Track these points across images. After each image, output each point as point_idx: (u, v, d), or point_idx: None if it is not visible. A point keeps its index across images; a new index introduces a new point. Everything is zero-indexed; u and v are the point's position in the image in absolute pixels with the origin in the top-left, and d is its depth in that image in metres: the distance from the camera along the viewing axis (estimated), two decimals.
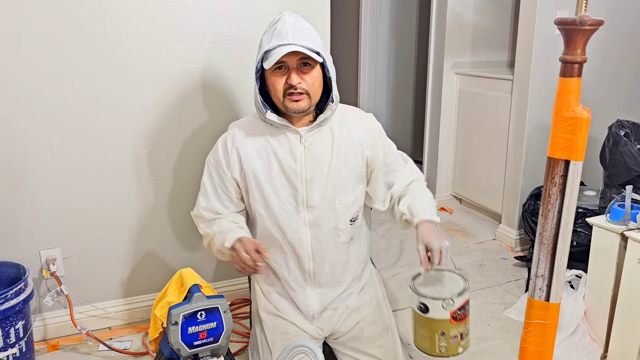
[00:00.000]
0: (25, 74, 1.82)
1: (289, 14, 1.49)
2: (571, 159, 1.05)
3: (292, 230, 1.59)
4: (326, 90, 1.56)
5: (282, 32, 1.43)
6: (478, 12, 3.33)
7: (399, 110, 4.52)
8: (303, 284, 1.66)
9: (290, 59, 1.45)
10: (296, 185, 1.56)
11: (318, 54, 1.46)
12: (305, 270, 1.63)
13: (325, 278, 1.65)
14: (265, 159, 1.57)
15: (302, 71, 1.47)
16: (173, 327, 1.36)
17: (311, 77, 1.48)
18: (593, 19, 0.94)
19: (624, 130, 2.23)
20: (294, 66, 1.46)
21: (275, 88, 1.49)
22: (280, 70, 1.47)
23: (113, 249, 2.10)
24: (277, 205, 1.57)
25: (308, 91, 1.48)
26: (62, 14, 1.81)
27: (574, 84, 1.01)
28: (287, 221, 1.58)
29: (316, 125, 1.55)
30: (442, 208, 3.57)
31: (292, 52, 1.42)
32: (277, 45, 1.42)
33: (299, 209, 1.57)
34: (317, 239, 1.60)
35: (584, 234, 2.35)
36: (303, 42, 1.43)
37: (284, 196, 1.57)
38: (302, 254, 1.61)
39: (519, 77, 2.81)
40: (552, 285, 1.13)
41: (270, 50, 1.43)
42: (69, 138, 1.92)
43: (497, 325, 2.21)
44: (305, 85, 1.47)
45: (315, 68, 1.49)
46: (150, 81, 1.98)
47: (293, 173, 1.55)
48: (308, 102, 1.50)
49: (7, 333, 1.71)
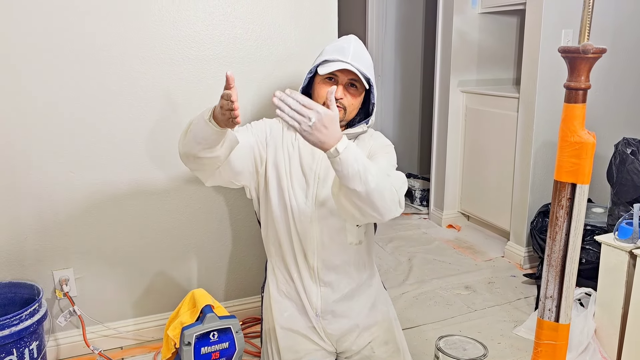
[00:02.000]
0: (38, 97, 1.87)
1: (355, 38, 1.67)
2: (577, 182, 1.07)
3: (300, 222, 1.67)
4: (365, 112, 1.71)
5: (345, 50, 1.60)
6: (483, 30, 3.37)
7: (406, 128, 4.55)
8: (309, 280, 1.72)
9: (342, 75, 1.59)
10: (309, 181, 1.66)
11: (368, 81, 1.60)
12: (310, 266, 1.70)
13: (329, 277, 1.71)
14: (291, 153, 1.68)
15: (347, 90, 1.61)
16: (186, 348, 1.38)
17: (354, 98, 1.63)
18: (596, 47, 0.96)
19: (630, 148, 2.24)
20: (343, 82, 1.60)
21: (320, 94, 1.61)
22: (330, 81, 1.61)
23: (124, 269, 2.12)
24: (291, 196, 1.66)
25: (346, 108, 1.61)
26: (75, 39, 1.86)
27: (579, 109, 1.03)
28: (298, 213, 1.66)
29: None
30: (450, 225, 3.58)
31: (346, 70, 1.56)
32: (337, 59, 1.57)
33: (308, 204, 1.66)
34: (323, 235, 1.67)
35: (593, 251, 2.35)
36: (359, 66, 1.57)
37: (297, 190, 1.66)
38: (308, 248, 1.68)
39: (524, 95, 2.83)
40: (561, 306, 1.14)
41: (330, 61, 1.58)
42: (82, 159, 1.96)
43: (507, 343, 2.20)
44: (345, 102, 1.61)
45: (360, 93, 1.63)
46: (159, 102, 2.02)
47: (309, 169, 1.66)
48: (342, 116, 1.62)
49: (22, 354, 1.73)
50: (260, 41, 2.10)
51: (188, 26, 1.99)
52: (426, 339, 2.22)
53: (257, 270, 2.30)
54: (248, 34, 2.08)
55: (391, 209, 1.41)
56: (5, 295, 1.89)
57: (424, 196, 3.95)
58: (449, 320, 2.39)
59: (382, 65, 4.38)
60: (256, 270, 2.30)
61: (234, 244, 2.27)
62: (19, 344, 1.71)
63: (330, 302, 1.72)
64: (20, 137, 1.87)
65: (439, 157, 3.58)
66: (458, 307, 2.50)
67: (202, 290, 1.63)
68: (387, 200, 1.38)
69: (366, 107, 1.71)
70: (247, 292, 2.34)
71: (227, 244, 2.26)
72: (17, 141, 1.87)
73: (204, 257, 2.23)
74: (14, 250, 1.95)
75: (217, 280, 2.29)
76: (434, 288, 2.70)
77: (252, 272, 2.32)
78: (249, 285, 2.34)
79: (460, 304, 2.54)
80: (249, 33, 2.08)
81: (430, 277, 2.82)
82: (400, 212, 1.45)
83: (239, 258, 2.30)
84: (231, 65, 2.07)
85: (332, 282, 1.72)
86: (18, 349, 1.71)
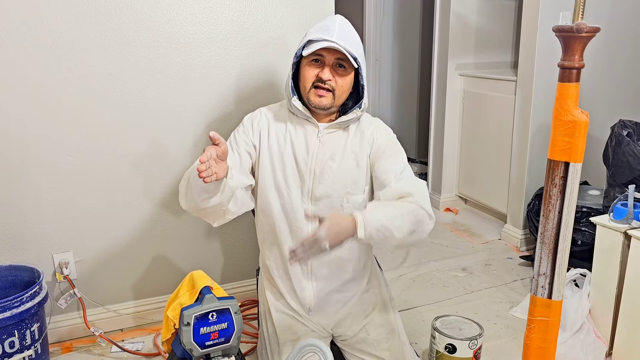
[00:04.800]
0: (38, 79, 1.87)
1: (341, 17, 1.58)
2: (570, 161, 1.08)
3: (295, 219, 1.63)
4: (357, 96, 1.63)
5: (330, 29, 1.51)
6: (481, 13, 3.35)
7: (404, 112, 4.55)
8: (300, 276, 1.69)
9: (328, 54, 1.52)
10: (304, 176, 1.61)
11: (356, 60, 1.52)
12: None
13: (323, 272, 1.68)
14: (282, 145, 1.62)
15: (336, 71, 1.54)
16: (185, 328, 1.40)
17: (342, 79, 1.55)
18: (589, 26, 0.97)
19: (627, 130, 2.25)
20: (330, 63, 1.53)
21: (306, 77, 1.55)
22: (316, 62, 1.54)
23: (124, 251, 2.14)
24: (285, 191, 1.62)
25: (335, 91, 1.54)
26: (86, 22, 1.86)
27: (572, 88, 1.04)
28: (293, 209, 1.62)
29: (336, 124, 1.60)
30: (447, 208, 3.60)
31: (332, 49, 1.49)
32: (322, 38, 1.49)
33: (304, 200, 1.62)
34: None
35: (589, 232, 2.38)
36: (345, 44, 1.49)
37: (292, 185, 1.61)
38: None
39: (522, 79, 2.83)
40: (554, 283, 1.16)
41: (314, 41, 1.50)
42: (80, 143, 1.97)
43: (503, 324, 2.23)
44: (334, 83, 1.54)
45: (349, 73, 1.55)
46: (159, 85, 2.02)
47: (304, 164, 1.60)
48: (331, 101, 1.55)
49: (23, 335, 1.75)
50: (257, 24, 2.10)
51: (184, 9, 1.99)
52: (423, 319, 2.25)
53: (255, 253, 2.31)
54: (245, 16, 2.08)
55: (425, 230, 1.48)
56: (6, 279, 1.91)
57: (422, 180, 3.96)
58: (446, 301, 2.42)
59: (380, 49, 4.36)
60: (253, 253, 2.32)
61: (232, 227, 2.28)
62: (20, 325, 1.73)
63: (324, 295, 1.70)
64: (17, 120, 1.87)
65: (437, 140, 3.59)
66: (455, 289, 2.53)
67: (201, 272, 1.64)
68: (419, 231, 1.46)
69: (358, 91, 1.63)
70: (245, 274, 2.37)
71: (224, 227, 2.26)
72: (15, 125, 1.87)
73: (203, 240, 2.25)
74: (13, 234, 1.96)
75: (215, 263, 2.31)
76: (431, 270, 2.72)
77: (249, 254, 2.34)
78: (248, 268, 2.36)
79: (457, 285, 2.56)
80: (245, 15, 2.08)
81: (428, 259, 2.85)
82: (433, 224, 1.51)
83: (237, 241, 2.32)
84: (226, 49, 2.08)
85: (326, 276, 1.69)
86: (19, 330, 1.74)
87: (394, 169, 1.59)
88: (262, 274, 1.82)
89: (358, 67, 1.54)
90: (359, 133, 1.64)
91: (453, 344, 1.73)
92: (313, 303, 1.71)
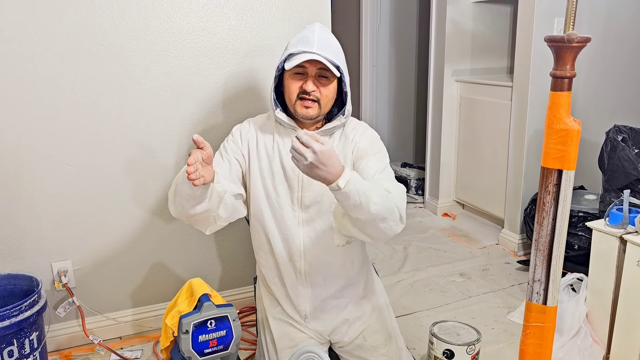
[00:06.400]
0: (35, 88, 1.88)
1: (320, 26, 1.58)
2: (563, 169, 1.09)
3: (286, 227, 1.64)
4: (341, 103, 1.64)
5: (310, 40, 1.51)
6: (477, 19, 3.38)
7: (400, 117, 4.57)
8: (295, 282, 1.69)
9: (310, 66, 1.52)
10: (293, 184, 1.62)
11: (338, 68, 1.52)
12: (297, 269, 1.67)
13: (317, 279, 1.69)
14: (270, 154, 1.64)
15: (319, 81, 1.54)
16: (184, 336, 1.41)
17: (326, 88, 1.55)
18: (580, 36, 0.98)
19: (622, 135, 2.27)
20: (312, 74, 1.53)
21: (290, 90, 1.56)
22: (299, 75, 1.54)
23: (122, 259, 2.14)
24: (275, 200, 1.63)
25: (320, 101, 1.55)
26: (81, 32, 1.87)
27: (564, 97, 1.05)
28: (283, 217, 1.63)
29: (321, 132, 1.61)
30: (445, 214, 3.61)
31: (313, 60, 1.49)
32: (302, 51, 1.50)
33: (294, 208, 1.63)
34: (310, 238, 1.64)
35: (585, 237, 2.39)
36: (326, 54, 1.50)
37: (282, 193, 1.62)
38: (294, 251, 1.65)
39: (518, 84, 2.85)
40: (548, 289, 1.17)
41: (295, 54, 1.51)
42: (77, 152, 1.98)
43: (500, 328, 2.24)
44: (318, 94, 1.54)
45: (332, 81, 1.56)
46: (154, 93, 2.03)
47: (292, 172, 1.61)
48: (317, 111, 1.56)
49: (22, 344, 1.76)
50: (254, 32, 2.11)
51: (182, 18, 2.01)
52: (421, 325, 2.26)
53: (252, 261, 2.32)
54: (242, 25, 2.09)
55: (393, 228, 1.43)
56: (5, 287, 1.91)
57: (419, 185, 3.98)
58: (443, 307, 2.42)
59: (376, 55, 4.38)
60: (251, 261, 2.33)
61: (230, 235, 2.29)
62: (19, 334, 1.74)
63: (319, 301, 1.71)
64: (14, 129, 1.88)
65: (434, 146, 3.60)
66: (453, 294, 2.54)
67: (200, 280, 1.65)
68: (390, 222, 1.41)
69: (342, 98, 1.63)
70: (243, 281, 2.37)
71: (222, 234, 2.28)
72: (12, 134, 1.88)
73: (201, 247, 2.26)
74: (12, 243, 1.97)
75: (213, 270, 2.31)
76: (429, 276, 2.73)
77: (247, 262, 2.35)
78: (246, 275, 2.37)
79: (455, 290, 2.57)
80: (243, 24, 2.09)
81: (426, 264, 2.86)
82: (402, 227, 1.47)
83: (235, 248, 2.32)
84: (225, 56, 2.09)
85: (320, 283, 1.69)
86: (18, 339, 1.74)
87: (375, 166, 1.57)
88: (259, 282, 1.83)
89: (341, 75, 1.55)
90: (343, 137, 1.66)
91: (451, 350, 1.74)
92: (309, 310, 1.72)
